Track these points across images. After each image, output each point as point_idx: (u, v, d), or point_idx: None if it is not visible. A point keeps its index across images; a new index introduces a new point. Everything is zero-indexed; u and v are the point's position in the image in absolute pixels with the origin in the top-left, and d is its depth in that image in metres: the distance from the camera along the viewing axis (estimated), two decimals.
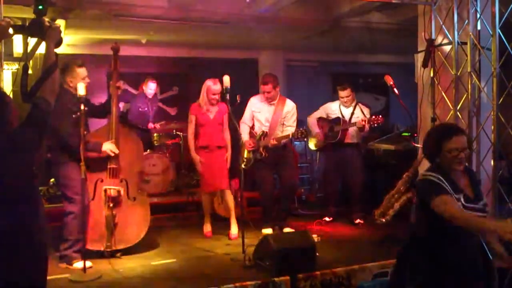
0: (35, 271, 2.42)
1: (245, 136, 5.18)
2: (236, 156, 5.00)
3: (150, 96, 7.10)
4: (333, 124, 5.60)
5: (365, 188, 5.71)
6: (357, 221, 5.50)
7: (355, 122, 5.39)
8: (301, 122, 5.79)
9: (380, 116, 5.32)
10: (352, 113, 5.56)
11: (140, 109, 6.98)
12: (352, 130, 5.50)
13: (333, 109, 5.67)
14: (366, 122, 5.24)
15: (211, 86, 4.90)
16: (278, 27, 6.74)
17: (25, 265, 2.35)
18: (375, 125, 5.28)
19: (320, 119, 5.70)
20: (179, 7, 5.80)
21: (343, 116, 5.57)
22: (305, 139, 5.50)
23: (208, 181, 5.00)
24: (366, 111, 5.61)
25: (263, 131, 5.17)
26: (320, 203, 6.32)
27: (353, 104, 5.61)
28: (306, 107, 5.96)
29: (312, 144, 5.84)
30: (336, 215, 5.72)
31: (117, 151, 4.28)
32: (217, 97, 4.92)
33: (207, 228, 5.16)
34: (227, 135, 5.10)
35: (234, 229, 5.00)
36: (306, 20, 6.48)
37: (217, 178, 4.96)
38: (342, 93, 5.56)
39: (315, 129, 5.67)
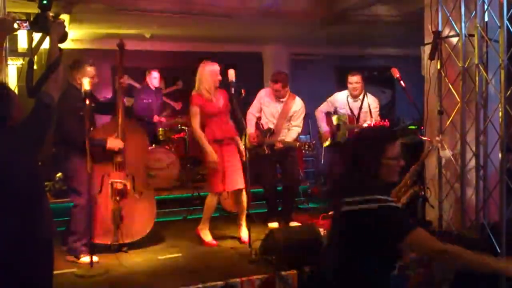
0: (41, 269, 2.42)
1: (250, 128, 5.14)
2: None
3: (154, 86, 7.06)
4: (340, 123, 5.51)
5: None
6: None
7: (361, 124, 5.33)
8: (306, 115, 5.74)
9: (386, 120, 5.28)
10: (360, 108, 5.44)
11: (144, 101, 6.94)
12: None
13: (340, 102, 5.53)
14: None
15: (214, 67, 4.48)
16: (282, 21, 6.69)
17: (31, 263, 2.35)
18: None
19: (328, 115, 5.60)
20: (182, 0, 5.78)
21: (351, 111, 5.46)
22: (313, 152, 5.41)
23: (221, 179, 4.42)
24: (374, 105, 5.46)
25: (269, 128, 5.14)
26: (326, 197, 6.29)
27: (361, 97, 5.46)
28: (311, 100, 5.90)
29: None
30: None
31: (122, 146, 4.27)
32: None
33: (209, 236, 4.60)
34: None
35: (245, 233, 4.51)
36: (310, 14, 6.44)
37: (231, 175, 4.44)
38: (352, 78, 5.38)
39: (323, 125, 5.57)
